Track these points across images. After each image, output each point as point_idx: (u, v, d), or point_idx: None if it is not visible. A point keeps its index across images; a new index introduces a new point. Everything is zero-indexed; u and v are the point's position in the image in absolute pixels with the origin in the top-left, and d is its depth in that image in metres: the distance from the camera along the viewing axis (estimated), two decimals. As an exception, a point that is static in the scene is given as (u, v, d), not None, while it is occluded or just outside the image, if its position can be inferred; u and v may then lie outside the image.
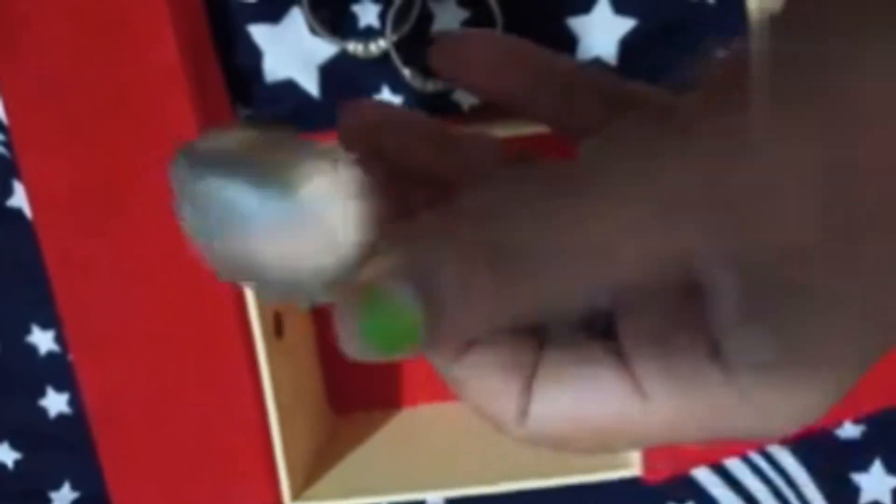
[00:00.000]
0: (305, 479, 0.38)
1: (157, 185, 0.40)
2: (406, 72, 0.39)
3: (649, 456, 0.35)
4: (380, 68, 0.40)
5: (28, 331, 0.47)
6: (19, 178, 0.45)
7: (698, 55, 0.37)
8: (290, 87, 0.41)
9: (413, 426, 0.43)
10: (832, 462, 0.43)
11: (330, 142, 0.16)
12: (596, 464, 0.36)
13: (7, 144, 0.45)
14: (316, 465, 0.39)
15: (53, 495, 0.50)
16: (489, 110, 0.41)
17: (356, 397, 0.44)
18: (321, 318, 0.43)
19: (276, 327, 0.36)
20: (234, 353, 0.41)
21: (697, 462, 0.41)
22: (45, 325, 0.47)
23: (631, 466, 0.35)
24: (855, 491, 0.43)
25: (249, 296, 0.34)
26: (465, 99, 0.41)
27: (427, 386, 0.45)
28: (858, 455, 0.43)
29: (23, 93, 0.41)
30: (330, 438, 0.42)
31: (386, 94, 0.41)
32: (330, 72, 0.41)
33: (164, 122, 0.40)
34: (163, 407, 0.43)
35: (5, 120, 0.44)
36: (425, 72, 0.39)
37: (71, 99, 0.40)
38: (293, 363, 0.39)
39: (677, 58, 0.40)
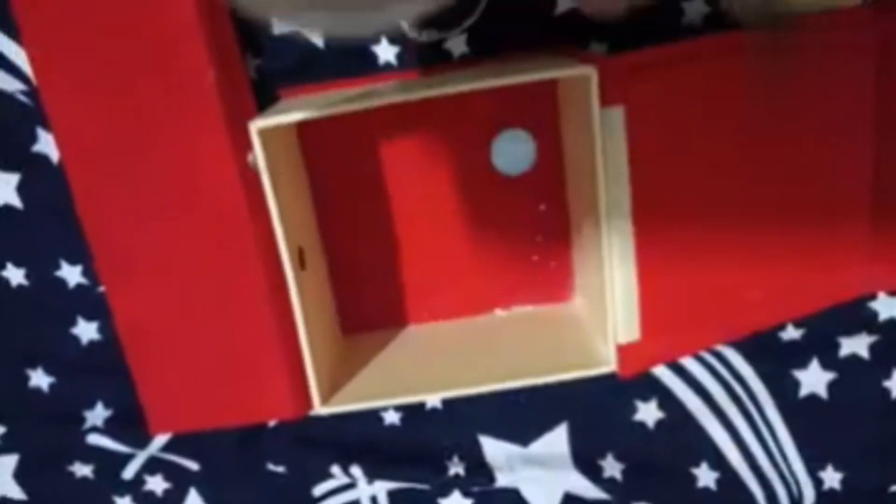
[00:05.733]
0: (329, 390, 0.43)
1: (178, 126, 0.44)
2: (403, 23, 0.43)
3: (623, 354, 0.41)
4: (379, 20, 0.44)
5: (57, 266, 0.52)
6: (43, 126, 0.48)
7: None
8: (296, 39, 0.45)
9: (414, 341, 0.49)
10: (776, 360, 0.50)
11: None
12: (575, 363, 0.42)
13: (29, 94, 0.48)
14: (335, 376, 0.45)
15: (87, 414, 0.55)
16: (477, 58, 0.45)
17: (364, 318, 0.50)
18: (334, 252, 0.48)
19: (300, 261, 0.41)
20: (257, 282, 0.45)
21: (662, 360, 0.48)
22: (72, 261, 0.51)
23: (608, 364, 0.41)
24: (794, 385, 0.50)
25: (279, 232, 0.39)
26: (456, 47, 0.45)
27: (424, 307, 0.50)
28: (798, 354, 0.50)
29: (46, 44, 0.44)
30: (343, 355, 0.48)
31: (384, 45, 0.45)
32: (333, 24, 0.44)
33: (182, 69, 0.43)
34: (191, 330, 0.47)
35: (27, 71, 0.47)
36: (421, 24, 0.43)
37: (93, 50, 0.43)
38: (313, 290, 0.44)
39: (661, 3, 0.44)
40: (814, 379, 0.50)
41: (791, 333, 0.49)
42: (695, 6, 0.43)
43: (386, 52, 0.45)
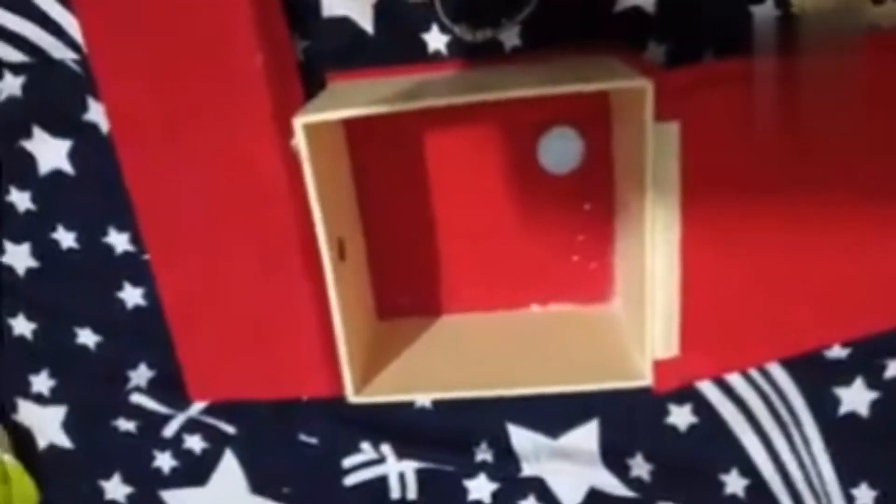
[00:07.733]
0: (362, 378, 0.44)
1: (225, 106, 0.44)
2: (456, 29, 0.41)
3: (660, 369, 0.40)
4: (429, 9, 0.43)
5: (105, 233, 0.53)
6: (93, 95, 0.49)
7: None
8: (345, 23, 0.44)
9: (449, 331, 0.49)
10: (819, 377, 0.49)
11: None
12: (610, 374, 0.41)
13: (80, 63, 0.48)
14: (369, 362, 0.45)
15: (132, 374, 0.57)
16: (530, 52, 0.44)
17: (400, 305, 0.50)
18: (374, 238, 0.48)
19: (340, 252, 0.41)
20: (296, 261, 0.45)
21: (700, 377, 0.47)
22: (120, 228, 0.52)
23: (643, 378, 0.41)
24: (835, 402, 0.49)
25: (320, 225, 0.39)
26: (509, 40, 0.43)
27: (460, 298, 0.50)
28: (843, 373, 0.48)
29: (97, 17, 0.43)
30: (378, 340, 0.48)
31: (434, 33, 0.43)
32: (383, 11, 0.43)
33: (231, 50, 0.42)
34: (231, 304, 0.48)
35: (79, 39, 0.47)
36: (473, 24, 0.42)
37: (143, 25, 0.43)
38: (351, 277, 0.44)
39: (712, 7, 0.41)
40: (856, 397, 0.48)
41: (837, 352, 0.47)
42: (764, 9, 0.41)
43: (436, 40, 0.44)
